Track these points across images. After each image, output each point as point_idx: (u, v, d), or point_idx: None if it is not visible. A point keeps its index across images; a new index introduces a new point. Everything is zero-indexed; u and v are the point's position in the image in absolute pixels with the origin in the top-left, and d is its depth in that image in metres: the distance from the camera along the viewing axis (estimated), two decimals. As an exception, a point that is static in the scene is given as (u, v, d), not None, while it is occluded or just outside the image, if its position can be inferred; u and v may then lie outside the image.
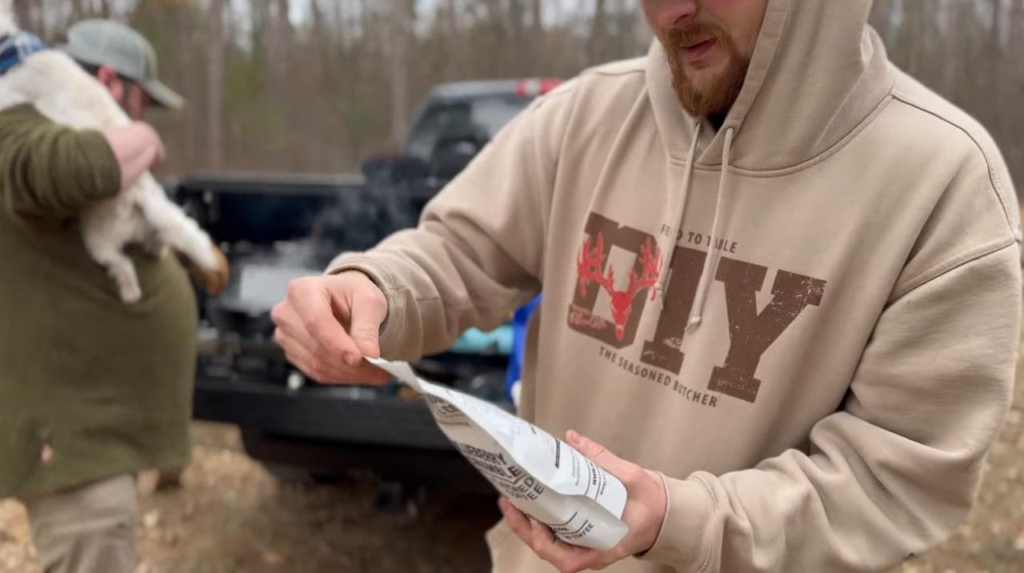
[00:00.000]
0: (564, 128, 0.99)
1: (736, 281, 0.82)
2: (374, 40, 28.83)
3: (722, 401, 0.84)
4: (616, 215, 0.92)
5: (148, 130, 1.80)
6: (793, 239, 0.79)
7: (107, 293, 1.76)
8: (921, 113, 0.80)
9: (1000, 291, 0.75)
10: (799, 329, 0.79)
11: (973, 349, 0.75)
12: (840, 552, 0.78)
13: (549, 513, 0.68)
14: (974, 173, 0.76)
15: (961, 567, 3.10)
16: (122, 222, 1.74)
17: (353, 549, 3.21)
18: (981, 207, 0.75)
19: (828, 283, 0.78)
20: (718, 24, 0.75)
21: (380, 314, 0.79)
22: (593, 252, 0.94)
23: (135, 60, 1.96)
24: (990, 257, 0.74)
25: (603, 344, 0.94)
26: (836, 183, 0.78)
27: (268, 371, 2.52)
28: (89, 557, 1.75)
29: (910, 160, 0.77)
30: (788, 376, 0.81)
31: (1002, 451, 4.39)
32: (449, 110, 4.82)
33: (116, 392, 1.78)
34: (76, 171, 1.56)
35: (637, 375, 0.90)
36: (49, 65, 1.70)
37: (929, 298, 0.76)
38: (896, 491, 0.79)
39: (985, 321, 0.75)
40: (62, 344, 1.72)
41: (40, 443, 1.71)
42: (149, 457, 1.85)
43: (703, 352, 0.84)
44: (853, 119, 0.79)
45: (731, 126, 0.80)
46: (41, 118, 1.66)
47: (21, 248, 1.69)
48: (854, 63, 0.76)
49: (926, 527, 0.79)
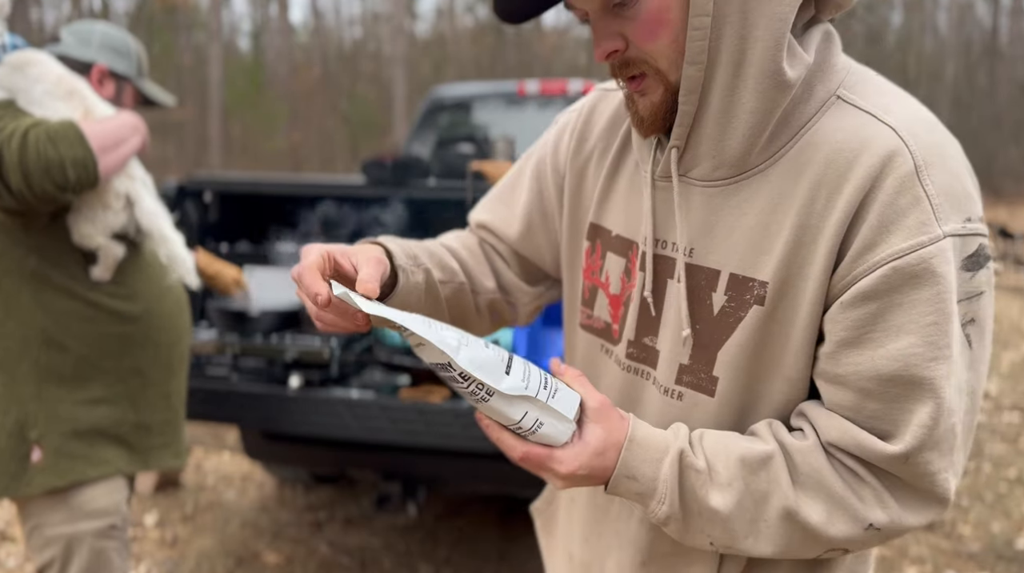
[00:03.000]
0: (569, 144, 1.07)
1: (695, 283, 0.88)
2: (374, 40, 28.82)
3: (688, 396, 0.90)
4: (610, 224, 1.00)
5: (134, 118, 1.77)
6: (741, 243, 0.85)
7: (95, 292, 1.75)
8: (859, 113, 0.82)
9: (927, 289, 0.76)
10: (748, 328, 0.85)
11: (903, 348, 0.77)
12: (800, 509, 0.81)
13: (502, 413, 0.80)
14: (897, 171, 0.77)
15: (961, 567, 3.10)
16: (115, 213, 1.73)
17: (353, 549, 3.21)
18: (906, 205, 0.76)
19: (771, 284, 0.83)
20: (645, 59, 0.83)
21: (381, 269, 0.89)
22: (593, 258, 1.02)
23: (127, 58, 1.95)
24: (913, 256, 0.75)
25: (604, 342, 1.02)
26: (778, 188, 0.83)
27: (268, 371, 2.52)
28: (80, 558, 1.74)
29: (838, 162, 0.80)
30: (743, 372, 0.86)
31: (1002, 451, 4.39)
32: (449, 110, 4.82)
33: (106, 392, 1.77)
34: (46, 164, 1.53)
35: (624, 371, 0.98)
36: (27, 61, 1.70)
37: (858, 298, 0.78)
38: (856, 469, 0.82)
39: (914, 319, 0.76)
40: (51, 344, 1.71)
41: (29, 444, 1.70)
42: (142, 458, 1.84)
43: (671, 350, 0.91)
44: (796, 124, 0.83)
45: (675, 146, 0.86)
46: (22, 113, 1.65)
47: (7, 247, 1.68)
48: (780, 82, 0.79)
49: (889, 503, 0.81)
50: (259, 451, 2.90)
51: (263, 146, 23.06)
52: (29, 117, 1.62)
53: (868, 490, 0.81)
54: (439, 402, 2.32)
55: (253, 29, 29.00)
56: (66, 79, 1.72)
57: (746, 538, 0.83)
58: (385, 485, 2.66)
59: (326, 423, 2.38)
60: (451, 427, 2.29)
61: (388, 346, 2.80)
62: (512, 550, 3.21)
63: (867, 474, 0.81)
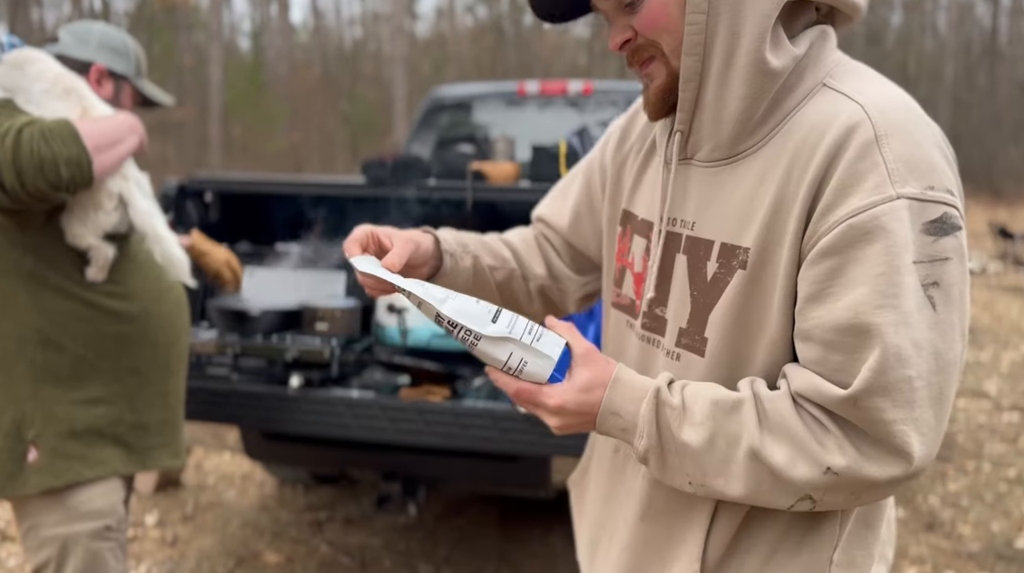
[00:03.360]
0: (614, 142, 1.20)
1: (695, 254, 0.98)
2: (374, 40, 28.83)
3: (684, 357, 1.00)
4: (638, 209, 1.11)
5: (131, 118, 1.77)
6: (732, 215, 0.94)
7: (92, 292, 1.74)
8: (836, 95, 0.90)
9: (877, 244, 0.82)
10: (733, 291, 0.93)
11: (855, 298, 0.84)
12: (764, 449, 0.87)
13: (491, 356, 0.93)
14: (857, 139, 0.85)
15: (961, 567, 3.10)
16: (106, 214, 1.72)
17: (353, 549, 3.21)
18: (864, 170, 0.84)
19: (752, 250, 0.92)
20: (653, 43, 0.95)
21: (410, 247, 1.09)
22: (624, 241, 1.14)
23: (125, 58, 1.95)
24: (866, 214, 0.83)
25: (628, 318, 1.12)
26: (765, 166, 0.92)
27: (268, 371, 2.52)
28: (75, 559, 1.73)
29: (811, 137, 0.88)
30: (729, 333, 0.94)
31: (1002, 450, 4.39)
32: (449, 110, 4.82)
33: (104, 392, 1.77)
34: (40, 162, 1.53)
35: (640, 341, 1.08)
36: (25, 59, 1.70)
37: (819, 255, 0.86)
38: (820, 417, 0.88)
39: (865, 272, 0.83)
40: (47, 344, 1.71)
41: (26, 444, 1.70)
42: (139, 458, 1.83)
43: (674, 316, 1.01)
44: (785, 110, 0.92)
45: (679, 130, 0.98)
46: (18, 112, 1.64)
47: (4, 247, 1.67)
48: (765, 70, 0.89)
49: (848, 450, 0.86)
50: (259, 451, 2.90)
51: (263, 146, 23.04)
52: (25, 115, 1.62)
53: (830, 437, 0.87)
54: (439, 402, 2.33)
55: (253, 29, 29.01)
56: (64, 78, 1.72)
57: (717, 477, 0.90)
58: (385, 485, 2.66)
59: (326, 423, 2.38)
60: (451, 427, 2.29)
61: (388, 346, 2.80)
62: (512, 550, 3.21)
63: (829, 422, 0.87)
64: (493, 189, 2.83)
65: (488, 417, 2.26)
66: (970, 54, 27.42)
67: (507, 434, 2.25)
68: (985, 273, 11.49)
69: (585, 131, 2.98)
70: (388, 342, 2.79)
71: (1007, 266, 12.35)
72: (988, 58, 26.87)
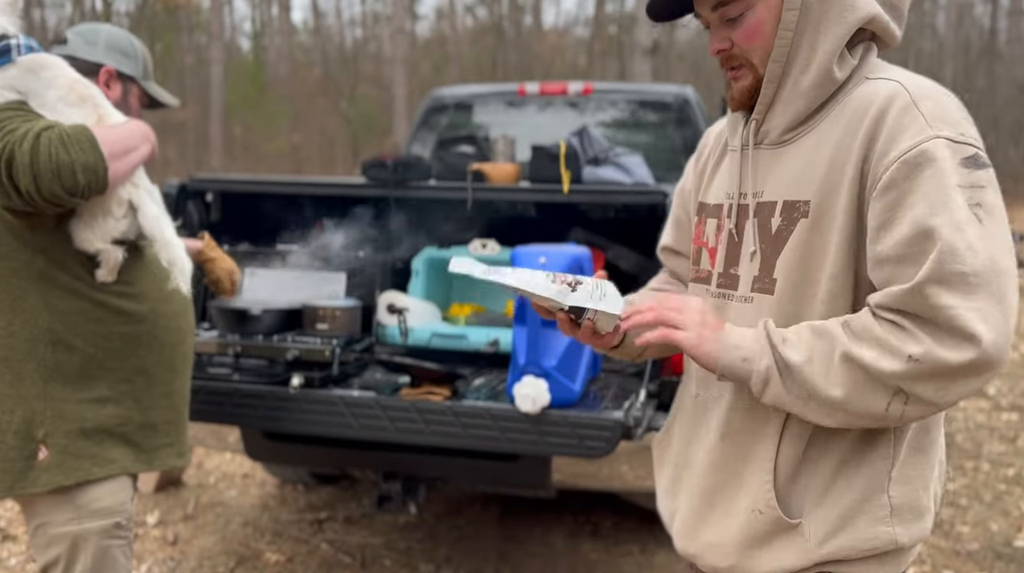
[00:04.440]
0: (693, 162, 1.44)
1: (763, 215, 1.19)
2: (375, 41, 28.82)
3: (756, 299, 1.19)
4: (710, 198, 1.34)
5: (144, 126, 1.78)
6: (792, 179, 1.17)
7: (102, 292, 1.76)
8: (876, 80, 1.15)
9: (927, 170, 1.03)
10: (797, 237, 1.14)
11: (916, 213, 1.03)
12: (853, 350, 1.05)
13: (567, 310, 1.23)
14: (898, 102, 1.08)
15: (960, 566, 3.11)
16: (115, 220, 1.74)
17: (354, 548, 3.22)
18: (908, 122, 1.06)
19: (812, 201, 1.13)
20: (745, 55, 1.19)
21: None
22: (699, 227, 1.35)
23: (133, 60, 1.96)
24: (915, 150, 1.04)
25: (706, 286, 1.30)
26: (820, 136, 1.15)
27: (268, 371, 2.53)
28: (85, 557, 1.75)
29: (860, 109, 1.12)
30: (794, 271, 1.15)
31: (1001, 450, 4.39)
32: (449, 111, 4.83)
33: (112, 392, 1.78)
34: (57, 167, 1.54)
35: (714, 298, 1.27)
36: (41, 64, 1.71)
37: (882, 190, 1.06)
38: (894, 318, 1.04)
39: (922, 193, 1.03)
40: (57, 343, 1.72)
41: (36, 443, 1.71)
42: (147, 458, 1.85)
43: (748, 269, 1.21)
44: (835, 98, 1.16)
45: (755, 119, 1.22)
46: (34, 115, 1.66)
47: (15, 248, 1.69)
48: (830, 79, 1.15)
49: (923, 338, 1.01)
50: (260, 451, 2.91)
51: (264, 147, 23.04)
52: (42, 119, 1.63)
53: (904, 332, 1.03)
54: (439, 402, 2.33)
55: (254, 30, 29.02)
56: (78, 85, 1.73)
57: (821, 385, 1.07)
58: (385, 485, 2.66)
59: (327, 423, 2.38)
60: (451, 427, 2.29)
61: (388, 346, 2.81)
62: (512, 550, 3.22)
63: (903, 320, 1.03)
64: (493, 189, 2.84)
65: (488, 417, 2.26)
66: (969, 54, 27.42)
67: (507, 434, 2.25)
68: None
69: (585, 131, 2.98)
70: (388, 342, 2.79)
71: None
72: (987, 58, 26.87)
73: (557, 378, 2.25)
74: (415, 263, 2.97)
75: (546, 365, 2.26)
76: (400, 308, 2.76)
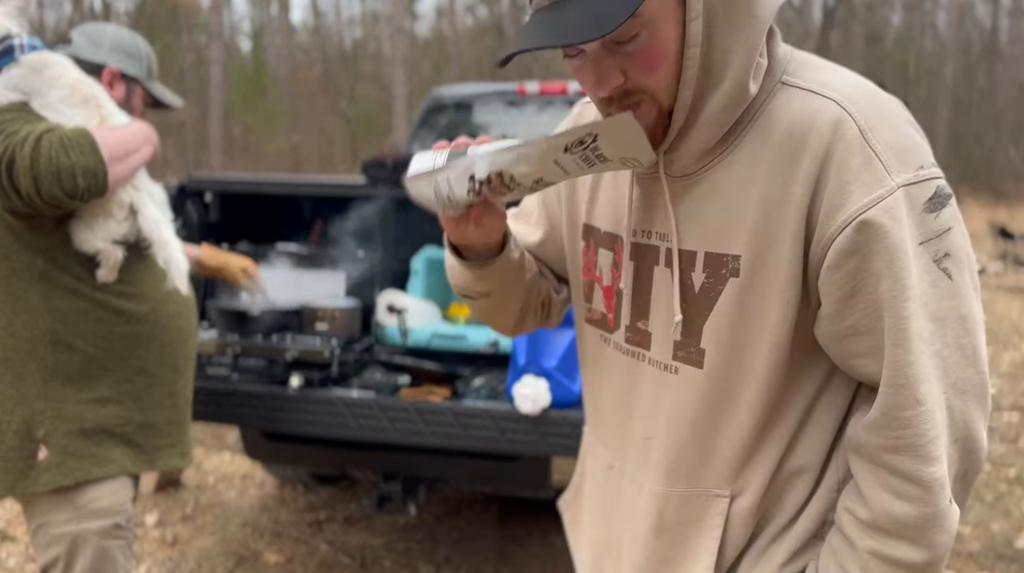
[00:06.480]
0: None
1: (682, 268, 0.97)
2: (374, 40, 28.83)
3: (683, 371, 0.99)
4: (599, 222, 1.10)
5: (147, 128, 1.78)
6: (713, 224, 0.94)
7: (103, 293, 1.75)
8: (803, 93, 0.91)
9: (892, 235, 0.85)
10: (726, 300, 0.94)
11: (887, 286, 0.86)
12: (883, 550, 0.92)
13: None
14: (845, 137, 0.87)
15: (961, 567, 3.10)
16: (116, 222, 1.74)
17: (353, 549, 3.21)
18: (859, 166, 0.86)
19: (743, 256, 0.92)
20: (644, 88, 0.91)
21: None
22: (589, 256, 1.12)
23: (138, 60, 1.96)
24: (876, 207, 0.85)
25: (602, 332, 1.11)
26: (739, 171, 0.93)
27: (268, 371, 2.53)
28: (85, 557, 1.75)
29: (792, 138, 0.89)
30: (726, 341, 0.95)
31: (1002, 450, 4.39)
32: (449, 110, 4.82)
33: (112, 392, 1.78)
34: (57, 170, 1.54)
35: (624, 355, 1.07)
36: (44, 63, 1.70)
37: (840, 256, 0.87)
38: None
39: (888, 263, 0.86)
40: (58, 343, 1.72)
41: (36, 443, 1.71)
42: (148, 458, 1.85)
43: (663, 330, 1.00)
44: (749, 113, 0.93)
45: (664, 153, 0.97)
46: (35, 117, 1.65)
47: (16, 247, 1.68)
48: (746, 94, 0.91)
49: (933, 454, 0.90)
50: (259, 451, 2.90)
51: (264, 146, 23.03)
52: (43, 122, 1.63)
53: (892, 476, 0.92)
54: (439, 402, 2.33)
55: (254, 29, 29.01)
56: (82, 86, 1.72)
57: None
58: (385, 485, 2.66)
59: (326, 423, 2.38)
60: (451, 427, 2.29)
61: (388, 346, 2.80)
62: (512, 550, 3.22)
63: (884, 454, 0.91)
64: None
65: (488, 417, 2.26)
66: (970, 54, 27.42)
67: (507, 434, 2.25)
68: (985, 273, 11.48)
69: (585, 131, 2.97)
70: (388, 342, 2.79)
71: (1007, 266, 12.35)
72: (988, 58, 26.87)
73: (557, 378, 2.25)
74: (414, 263, 2.97)
75: (546, 365, 2.26)
76: (400, 308, 2.75)
